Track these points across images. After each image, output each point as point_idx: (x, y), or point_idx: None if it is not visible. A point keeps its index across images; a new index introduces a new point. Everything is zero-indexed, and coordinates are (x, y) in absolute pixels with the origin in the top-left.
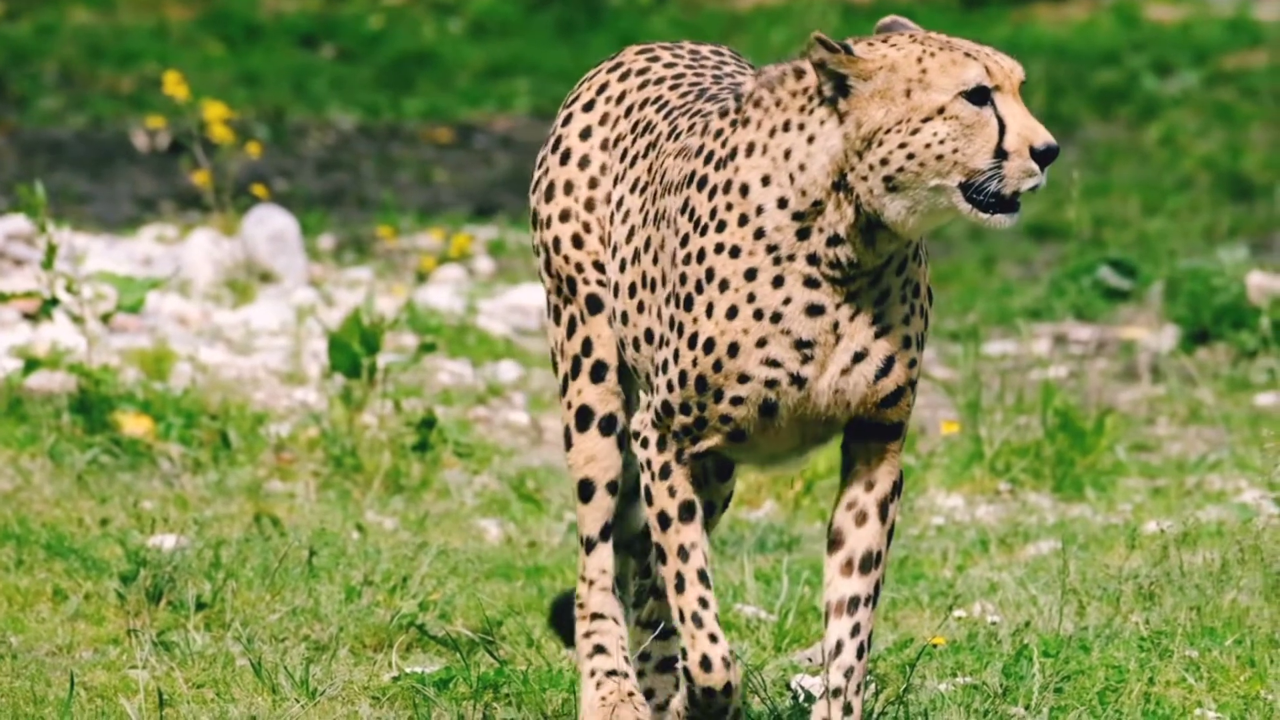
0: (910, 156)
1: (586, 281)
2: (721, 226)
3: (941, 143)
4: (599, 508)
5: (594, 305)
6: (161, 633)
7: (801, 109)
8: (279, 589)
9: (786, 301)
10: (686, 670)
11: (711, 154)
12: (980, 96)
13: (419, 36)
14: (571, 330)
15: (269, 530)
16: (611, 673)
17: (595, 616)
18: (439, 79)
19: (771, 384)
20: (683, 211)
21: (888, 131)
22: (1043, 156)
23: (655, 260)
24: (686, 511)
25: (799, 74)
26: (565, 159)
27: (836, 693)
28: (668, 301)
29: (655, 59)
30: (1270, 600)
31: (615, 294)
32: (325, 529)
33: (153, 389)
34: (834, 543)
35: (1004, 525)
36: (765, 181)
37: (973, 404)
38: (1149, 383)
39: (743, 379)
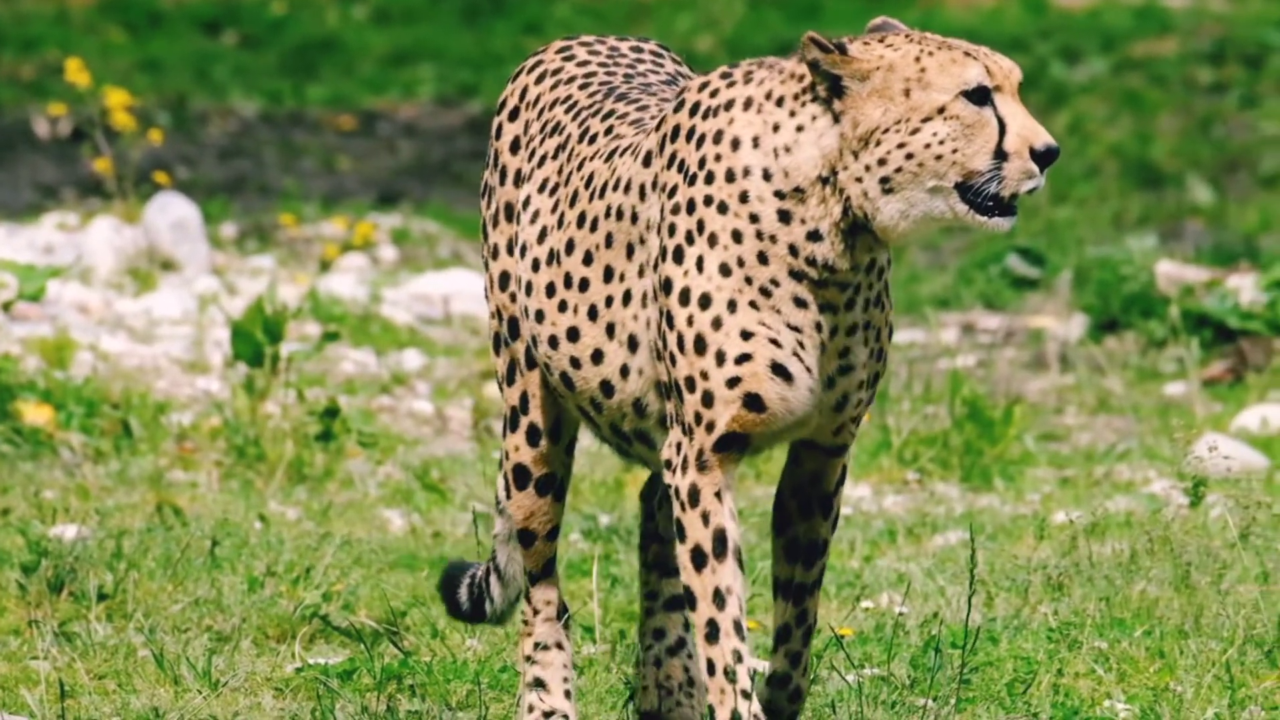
0: (909, 157)
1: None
2: (710, 178)
3: (941, 143)
4: (540, 554)
5: (531, 358)
6: (63, 623)
7: (796, 96)
8: (181, 579)
9: (775, 283)
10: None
11: (697, 105)
12: (980, 96)
13: (322, 22)
14: (511, 376)
15: (171, 520)
16: (549, 714)
17: (540, 646)
18: (342, 66)
19: (775, 343)
20: (669, 166)
21: (885, 131)
22: (1043, 158)
23: (587, 261)
24: (720, 544)
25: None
26: (504, 177)
27: (785, 678)
28: (654, 268)
29: (571, 57)
30: (1179, 591)
31: (528, 292)
32: (228, 519)
33: (54, 378)
34: (779, 524)
35: (912, 515)
36: (755, 142)
37: (880, 393)
38: (1057, 372)
39: (745, 335)
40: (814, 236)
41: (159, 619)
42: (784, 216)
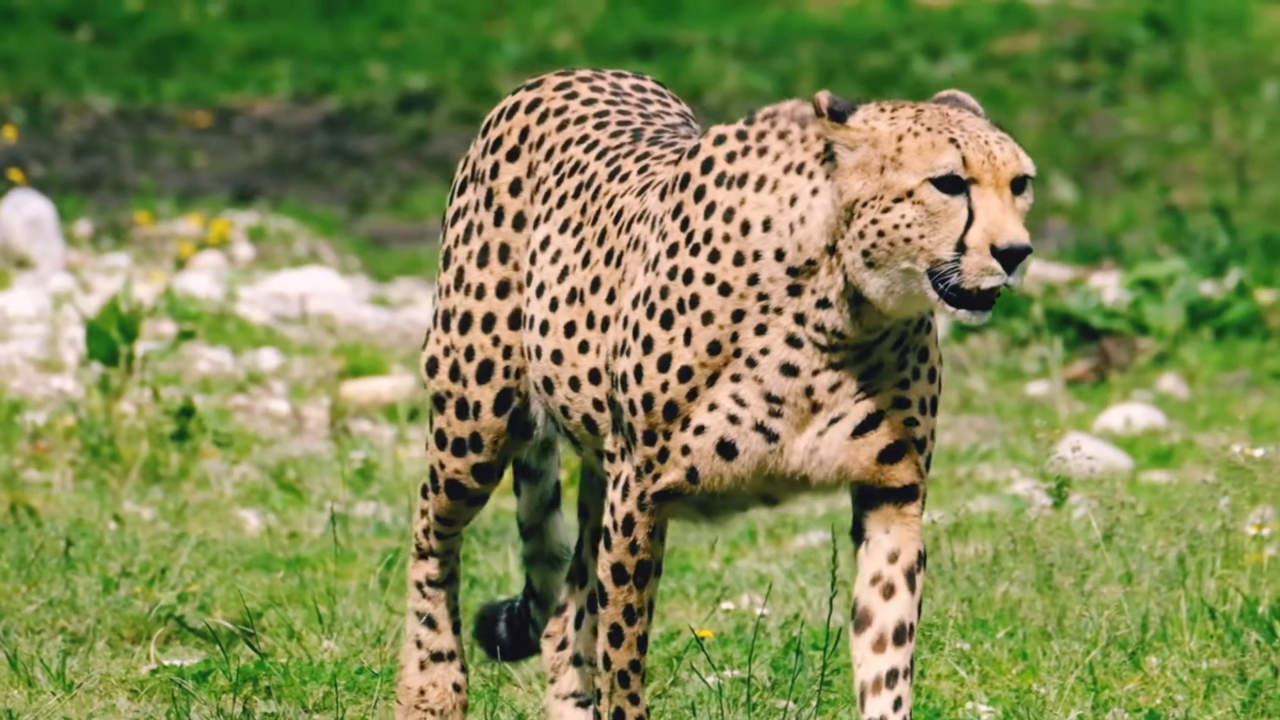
0: (880, 235)
1: (506, 373)
2: (715, 256)
3: (909, 226)
4: (453, 531)
5: (501, 404)
6: None
7: (817, 156)
8: (35, 580)
9: (764, 352)
10: (598, 715)
11: (710, 161)
12: (952, 185)
13: (178, 18)
14: (462, 412)
15: (25, 520)
16: (438, 655)
17: (431, 581)
18: (198, 61)
19: (733, 420)
20: (674, 216)
21: (864, 205)
22: (1005, 256)
23: (610, 299)
24: (643, 574)
25: None
26: (499, 218)
27: None
28: (634, 305)
29: (573, 95)
30: (1042, 592)
31: (544, 331)
32: (82, 519)
33: None
34: (861, 621)
35: (772, 516)
36: (766, 226)
37: None
38: None
39: (711, 407)
40: (824, 305)
41: (12, 620)
42: (795, 290)
